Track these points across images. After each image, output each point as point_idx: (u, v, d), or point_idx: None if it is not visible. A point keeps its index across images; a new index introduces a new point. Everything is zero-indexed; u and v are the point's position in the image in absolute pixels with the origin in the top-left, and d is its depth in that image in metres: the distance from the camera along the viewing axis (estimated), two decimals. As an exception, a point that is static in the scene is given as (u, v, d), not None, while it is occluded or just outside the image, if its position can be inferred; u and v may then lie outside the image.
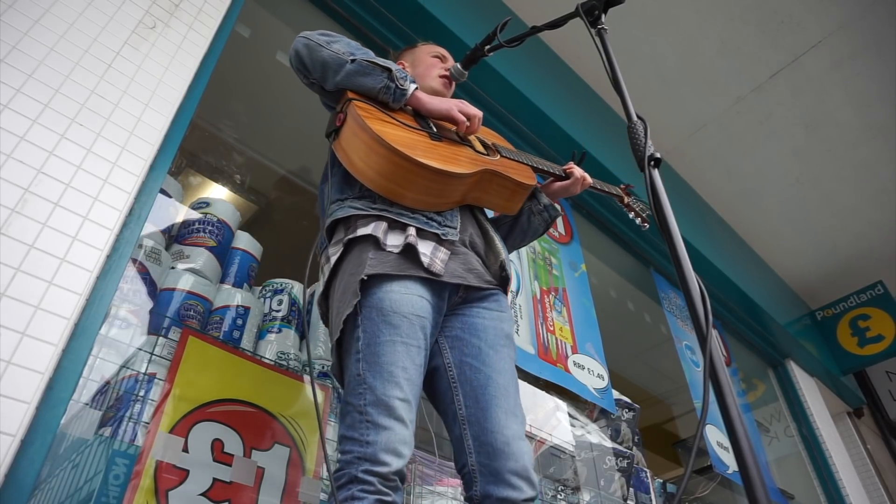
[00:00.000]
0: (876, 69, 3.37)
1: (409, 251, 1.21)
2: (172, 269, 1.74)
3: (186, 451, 1.30)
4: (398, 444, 1.05)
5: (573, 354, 2.43)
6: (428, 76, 1.59)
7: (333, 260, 1.25)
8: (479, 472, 1.14)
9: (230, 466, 1.35)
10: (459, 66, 1.59)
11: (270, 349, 1.73)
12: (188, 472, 1.29)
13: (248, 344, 1.70)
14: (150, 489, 1.21)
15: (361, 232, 1.22)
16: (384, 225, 1.23)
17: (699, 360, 3.20)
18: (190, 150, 2.65)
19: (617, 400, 2.61)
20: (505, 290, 1.39)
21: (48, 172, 1.20)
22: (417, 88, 1.36)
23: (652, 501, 2.57)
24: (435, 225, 1.27)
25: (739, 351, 4.15)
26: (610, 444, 2.51)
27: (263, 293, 1.92)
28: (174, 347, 1.44)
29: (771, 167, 3.94)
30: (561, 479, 2.22)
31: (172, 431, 1.30)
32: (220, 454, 1.35)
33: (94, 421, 1.32)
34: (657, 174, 1.00)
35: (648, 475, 2.65)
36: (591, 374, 2.42)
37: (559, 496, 2.17)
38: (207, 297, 1.72)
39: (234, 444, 1.39)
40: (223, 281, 1.87)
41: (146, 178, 1.38)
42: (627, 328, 3.89)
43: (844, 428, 4.68)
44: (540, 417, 2.28)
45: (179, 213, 1.88)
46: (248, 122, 2.87)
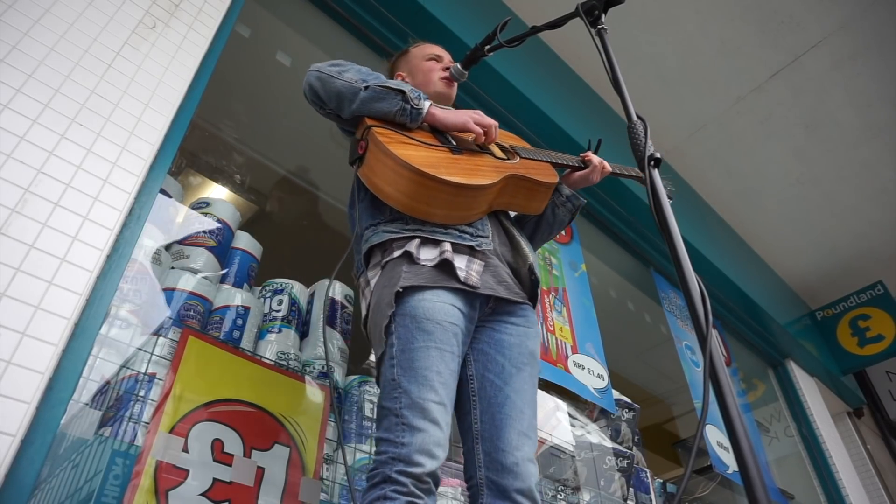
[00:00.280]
0: (876, 69, 3.37)
1: (444, 265, 1.23)
2: (172, 269, 1.74)
3: (186, 451, 1.30)
4: (432, 445, 1.06)
5: (573, 354, 2.43)
6: (429, 82, 1.60)
7: (373, 283, 1.29)
8: (486, 486, 1.17)
9: (230, 466, 1.35)
10: (459, 66, 1.59)
11: (270, 349, 1.73)
12: (188, 472, 1.29)
13: (248, 344, 1.70)
14: (150, 489, 1.21)
15: (397, 253, 1.25)
16: (416, 241, 1.26)
17: (699, 360, 3.20)
18: (190, 150, 2.65)
19: (617, 400, 2.61)
20: (534, 300, 1.40)
21: (48, 172, 1.20)
22: (432, 105, 1.36)
23: (652, 501, 2.57)
24: (468, 237, 1.29)
25: (739, 351, 4.14)
26: (610, 444, 2.51)
27: (263, 293, 1.92)
28: (174, 347, 1.44)
29: (771, 167, 3.94)
30: (561, 479, 2.22)
31: (172, 431, 1.30)
32: (220, 454, 1.35)
33: (94, 421, 1.32)
34: (657, 174, 1.00)
35: (648, 475, 2.65)
36: (591, 374, 2.42)
37: (559, 496, 2.17)
38: (207, 297, 1.72)
39: (234, 444, 1.39)
40: (223, 281, 1.87)
41: (146, 178, 1.38)
42: (627, 328, 3.89)
43: (844, 428, 4.68)
44: (540, 417, 2.28)
45: (179, 213, 1.88)
46: (248, 122, 2.87)
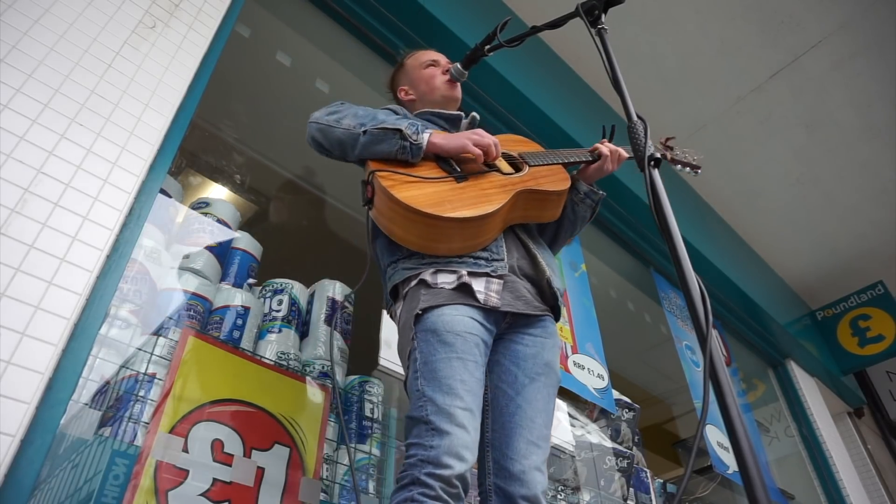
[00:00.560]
0: (876, 69, 3.37)
1: (462, 287, 1.25)
2: (172, 269, 1.74)
3: (186, 451, 1.30)
4: (460, 448, 1.07)
5: (573, 354, 2.42)
6: (433, 89, 1.60)
7: (399, 314, 1.32)
8: (494, 492, 1.20)
9: (230, 466, 1.35)
10: (459, 65, 1.59)
11: (270, 349, 1.73)
12: (188, 472, 1.29)
13: (248, 344, 1.70)
14: (149, 489, 1.21)
15: (414, 282, 1.28)
16: (432, 269, 1.28)
17: (699, 360, 3.20)
18: (190, 150, 2.65)
19: (617, 400, 2.61)
20: (556, 311, 1.41)
21: (48, 172, 1.20)
22: (432, 134, 1.35)
23: (652, 501, 2.57)
24: (483, 263, 1.29)
25: (739, 351, 4.14)
26: (610, 444, 2.51)
27: (263, 293, 1.92)
28: (174, 347, 1.44)
29: (771, 167, 3.94)
30: (561, 479, 2.22)
31: (172, 431, 1.30)
32: (220, 454, 1.35)
33: (93, 421, 1.32)
34: (657, 174, 1.00)
35: (648, 475, 2.65)
36: (591, 374, 2.42)
37: (559, 496, 2.17)
38: (207, 297, 1.72)
39: (234, 444, 1.39)
40: (223, 281, 1.86)
41: (146, 178, 1.38)
42: (627, 328, 3.89)
43: (845, 428, 4.68)
44: (540, 417, 2.28)
45: (179, 213, 1.88)
46: (248, 122, 2.87)
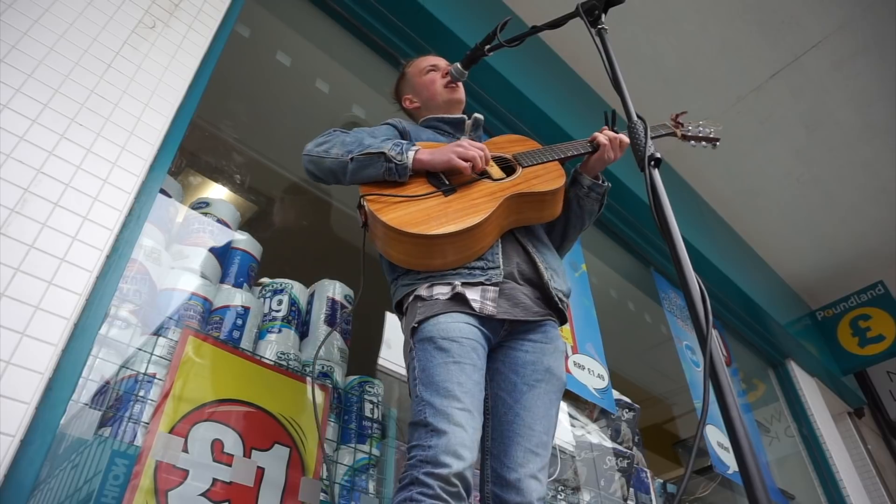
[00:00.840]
0: (876, 69, 3.37)
1: (457, 297, 1.26)
2: (172, 269, 1.74)
3: (186, 451, 1.30)
4: (458, 446, 1.08)
5: (573, 354, 2.42)
6: (434, 94, 1.61)
7: (404, 328, 1.35)
8: (491, 500, 1.21)
9: (230, 466, 1.35)
10: (459, 65, 1.59)
11: (270, 349, 1.73)
12: (188, 472, 1.29)
13: (247, 344, 1.70)
14: (149, 489, 1.21)
15: (411, 298, 1.31)
16: (426, 284, 1.29)
17: (699, 360, 3.20)
18: (190, 150, 2.65)
19: (617, 400, 2.60)
20: (559, 314, 1.40)
21: (48, 172, 1.20)
22: (417, 151, 1.36)
23: (652, 501, 2.57)
24: (478, 273, 1.30)
25: (739, 351, 4.14)
26: (610, 444, 2.51)
27: (263, 293, 1.92)
28: (174, 347, 1.44)
29: (771, 167, 3.94)
30: (561, 479, 2.22)
31: (172, 431, 1.30)
32: (220, 454, 1.35)
33: (93, 421, 1.32)
34: (657, 174, 1.00)
35: (648, 475, 2.65)
36: (591, 374, 2.42)
37: (559, 496, 2.17)
38: (207, 297, 1.72)
39: (234, 444, 1.39)
40: (223, 281, 1.86)
41: (146, 178, 1.38)
42: (627, 328, 3.89)
43: (845, 428, 4.67)
44: (540, 417, 2.28)
45: (179, 213, 1.88)
46: (248, 122, 2.87)
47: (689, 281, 0.85)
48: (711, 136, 1.76)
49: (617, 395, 2.60)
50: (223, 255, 1.90)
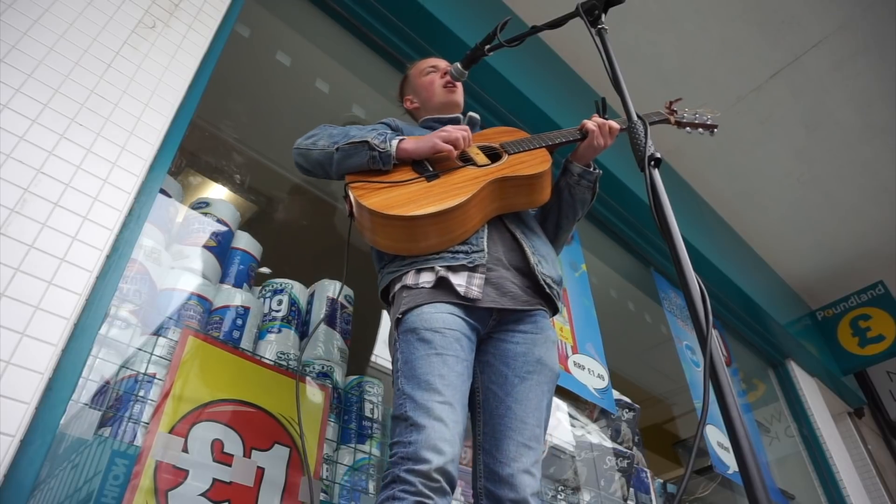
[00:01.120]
0: (876, 69, 3.37)
1: (441, 283, 1.25)
2: (172, 269, 1.74)
3: (186, 451, 1.30)
4: (438, 440, 1.07)
5: (573, 354, 2.42)
6: (432, 96, 1.61)
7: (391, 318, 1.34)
8: (484, 495, 1.19)
9: (230, 466, 1.35)
10: (460, 65, 1.59)
11: (270, 349, 1.73)
12: (188, 472, 1.28)
13: (247, 344, 1.70)
14: (149, 489, 1.21)
15: (397, 286, 1.31)
16: (412, 272, 1.29)
17: (699, 360, 3.20)
18: (190, 150, 2.65)
19: (617, 400, 2.60)
20: (549, 303, 1.39)
21: (48, 172, 1.20)
22: (402, 140, 1.37)
23: (652, 501, 2.57)
24: (461, 256, 1.29)
25: (740, 351, 4.14)
26: (610, 444, 2.51)
27: (263, 293, 1.92)
28: (174, 347, 1.44)
29: (771, 167, 3.94)
30: (561, 479, 2.22)
31: (172, 431, 1.30)
32: (219, 454, 1.35)
33: (93, 421, 1.32)
34: (657, 174, 1.00)
35: (648, 475, 2.65)
36: (591, 374, 2.42)
37: (559, 496, 2.17)
38: (207, 297, 1.72)
39: (234, 444, 1.39)
40: (223, 281, 1.86)
41: (146, 178, 1.38)
42: (627, 328, 3.89)
43: (845, 428, 4.67)
44: (540, 417, 2.28)
45: (179, 213, 1.88)
46: (248, 122, 2.87)
47: (689, 281, 0.85)
48: (709, 122, 1.71)
49: (617, 395, 2.60)
50: (223, 255, 1.90)
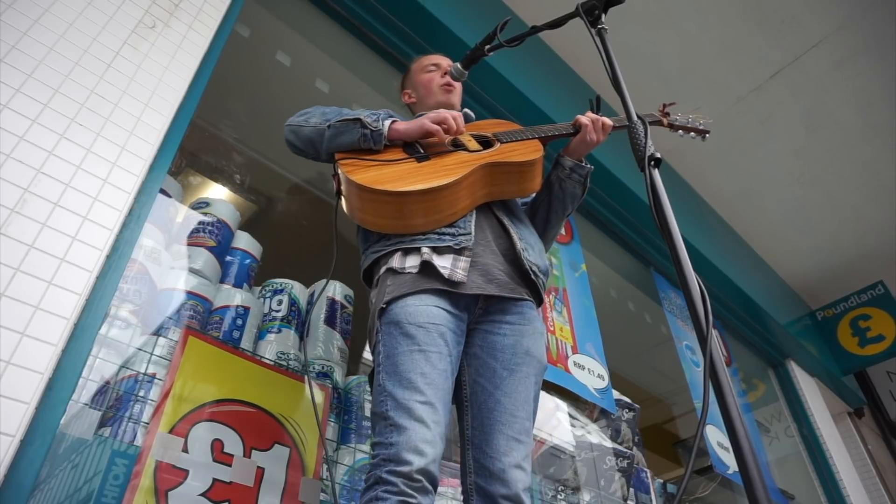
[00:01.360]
0: (876, 69, 3.37)
1: (426, 268, 1.24)
2: (172, 269, 1.74)
3: (186, 451, 1.30)
4: (419, 442, 1.07)
5: (573, 355, 2.42)
6: (430, 94, 1.61)
7: (372, 302, 1.32)
8: (475, 491, 1.18)
9: (230, 466, 1.35)
10: (460, 65, 1.59)
11: (270, 349, 1.73)
12: (188, 472, 1.28)
13: (247, 344, 1.70)
14: (149, 489, 1.21)
15: (383, 270, 1.29)
16: (399, 254, 1.28)
17: (699, 360, 3.20)
18: (190, 150, 2.65)
19: (617, 400, 2.60)
20: (537, 293, 1.38)
21: (48, 172, 1.20)
22: (394, 121, 1.37)
23: (652, 501, 2.57)
24: (447, 238, 1.28)
25: (739, 351, 4.14)
26: (610, 444, 2.51)
27: (263, 293, 1.92)
28: (174, 347, 1.44)
29: (771, 167, 3.94)
30: (561, 479, 2.22)
31: (172, 431, 1.30)
32: (219, 454, 1.35)
33: (93, 421, 1.32)
34: (657, 174, 1.00)
35: (648, 475, 2.65)
36: (591, 374, 2.42)
37: (559, 496, 2.17)
38: (207, 297, 1.72)
39: (234, 444, 1.39)
40: (223, 281, 1.86)
41: (146, 178, 1.38)
42: (627, 328, 3.88)
43: (845, 428, 4.67)
44: (540, 417, 2.28)
45: (179, 213, 1.88)
46: (248, 122, 2.87)
47: (689, 281, 0.85)
48: (700, 127, 1.74)
49: (617, 395, 2.60)
50: (223, 255, 1.90)
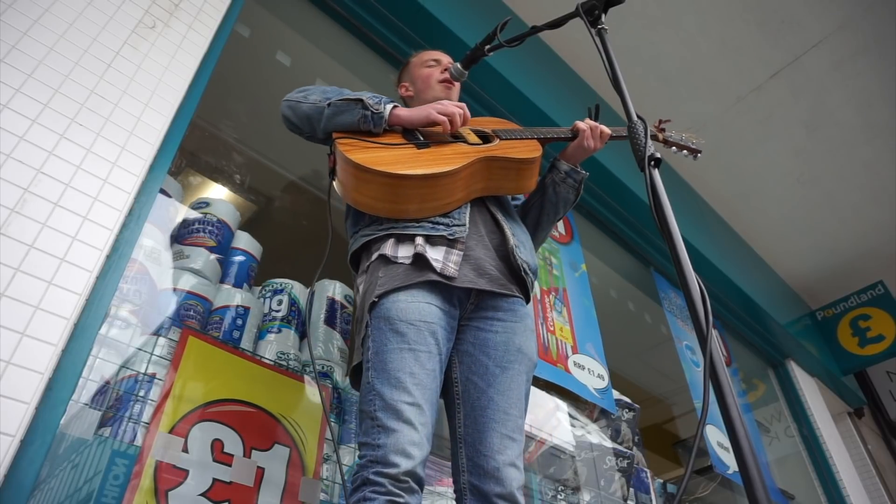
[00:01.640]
0: (876, 69, 3.37)
1: (419, 260, 1.24)
2: (172, 269, 1.74)
3: (186, 451, 1.30)
4: (407, 445, 1.07)
5: (573, 354, 2.42)
6: (427, 88, 1.60)
7: (360, 289, 1.31)
8: (469, 490, 1.17)
9: (230, 466, 1.35)
10: (460, 65, 1.59)
11: (270, 349, 1.73)
12: (188, 472, 1.29)
13: (247, 344, 1.70)
14: (149, 489, 1.21)
15: (375, 256, 1.28)
16: (391, 240, 1.27)
17: (699, 360, 3.20)
18: (190, 150, 2.65)
19: (617, 400, 2.60)
20: (525, 291, 1.38)
21: (48, 172, 1.20)
22: (396, 106, 1.37)
23: (652, 501, 2.57)
24: (441, 227, 1.28)
25: (739, 351, 4.14)
26: (610, 444, 2.51)
27: (263, 293, 1.92)
28: (174, 347, 1.44)
29: (771, 167, 3.94)
30: (561, 479, 2.22)
31: (172, 431, 1.30)
32: (219, 454, 1.35)
33: (93, 421, 1.32)
34: (657, 174, 1.00)
35: (648, 475, 2.65)
36: (591, 374, 2.42)
37: (559, 496, 2.17)
38: (207, 297, 1.72)
39: (234, 444, 1.39)
40: (223, 281, 1.86)
41: (146, 178, 1.38)
42: (627, 328, 3.88)
43: (845, 428, 4.67)
44: (540, 417, 2.28)
45: (179, 213, 1.88)
46: (248, 122, 2.87)
47: (689, 281, 0.85)
48: (693, 146, 1.78)
49: (617, 395, 2.60)
50: (223, 255, 1.90)
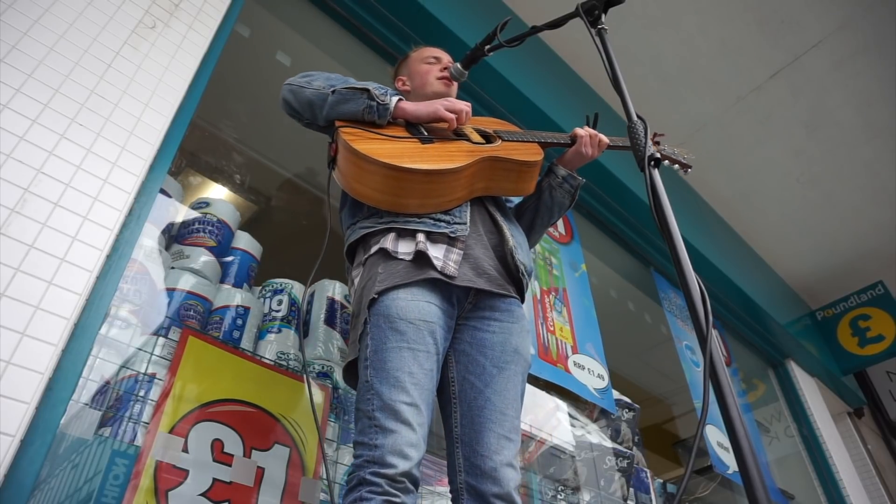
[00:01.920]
0: (876, 69, 3.37)
1: (420, 257, 1.23)
2: (172, 269, 1.74)
3: (186, 451, 1.30)
4: (404, 446, 1.06)
5: (573, 354, 2.42)
6: (426, 83, 1.60)
7: (357, 282, 1.30)
8: (465, 490, 1.17)
9: (230, 466, 1.35)
10: (459, 65, 1.59)
11: (270, 349, 1.73)
12: (188, 472, 1.29)
13: (247, 344, 1.70)
14: (149, 489, 1.21)
15: (374, 249, 1.27)
16: (392, 235, 1.27)
17: (699, 360, 3.20)
18: (190, 150, 2.65)
19: (617, 400, 2.60)
20: (521, 292, 1.38)
21: (48, 172, 1.20)
22: (401, 99, 1.36)
23: (652, 501, 2.57)
24: (443, 225, 1.28)
25: (739, 351, 4.14)
26: (610, 444, 2.51)
27: (263, 293, 1.92)
28: (174, 347, 1.44)
29: (771, 167, 3.94)
30: (561, 479, 2.22)
31: (172, 431, 1.30)
32: (219, 454, 1.35)
33: (93, 421, 1.32)
34: (657, 174, 1.00)
35: (648, 475, 2.65)
36: (591, 374, 2.42)
37: (559, 496, 2.17)
38: (207, 297, 1.72)
39: (234, 444, 1.39)
40: (223, 281, 1.86)
41: (146, 178, 1.38)
42: (627, 328, 3.89)
43: (845, 428, 4.67)
44: (540, 417, 2.28)
45: (179, 213, 1.88)
46: (248, 122, 2.87)
47: (689, 281, 0.85)
48: (684, 161, 1.81)
49: (617, 395, 2.60)
50: (223, 255, 1.90)
